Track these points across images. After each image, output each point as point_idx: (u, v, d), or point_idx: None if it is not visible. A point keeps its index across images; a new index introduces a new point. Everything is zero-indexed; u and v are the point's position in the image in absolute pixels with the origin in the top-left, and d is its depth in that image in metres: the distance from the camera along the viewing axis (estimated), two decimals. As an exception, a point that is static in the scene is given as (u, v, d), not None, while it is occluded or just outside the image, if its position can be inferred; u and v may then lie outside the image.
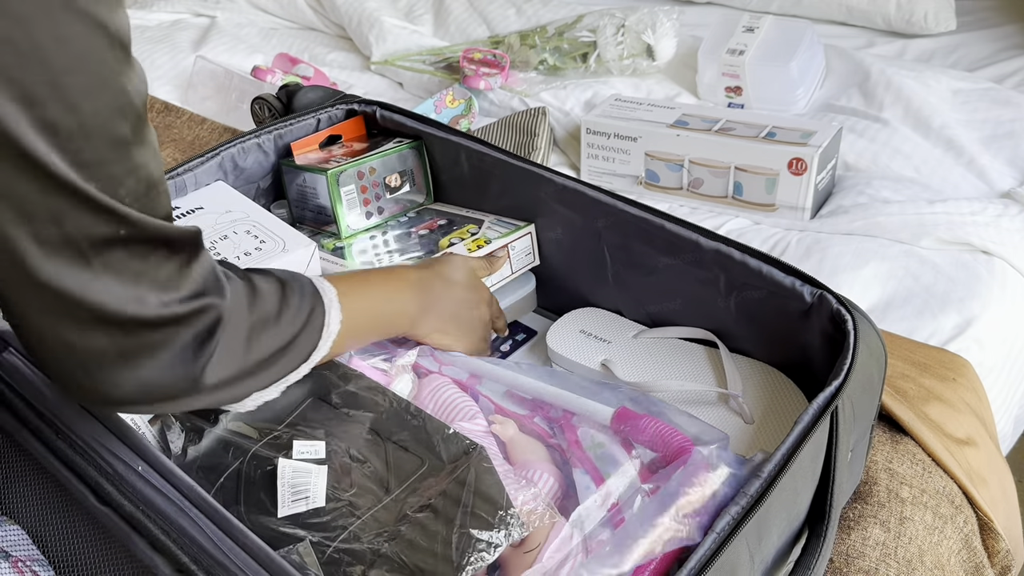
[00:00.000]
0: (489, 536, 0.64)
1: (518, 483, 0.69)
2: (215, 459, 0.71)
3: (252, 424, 0.73)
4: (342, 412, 0.74)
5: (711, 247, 0.84)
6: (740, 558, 0.62)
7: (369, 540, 0.65)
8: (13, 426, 0.70)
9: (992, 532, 0.92)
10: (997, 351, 1.11)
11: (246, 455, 0.71)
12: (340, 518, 0.66)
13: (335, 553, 0.64)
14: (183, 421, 0.75)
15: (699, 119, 1.30)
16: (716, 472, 0.66)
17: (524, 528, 0.65)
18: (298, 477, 0.68)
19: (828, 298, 0.77)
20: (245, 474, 0.70)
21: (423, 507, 0.67)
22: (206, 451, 0.72)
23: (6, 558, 0.68)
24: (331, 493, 0.68)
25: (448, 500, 0.67)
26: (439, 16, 1.81)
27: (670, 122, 1.30)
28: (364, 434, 0.73)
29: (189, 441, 0.73)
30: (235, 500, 0.69)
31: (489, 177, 1.00)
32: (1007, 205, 1.23)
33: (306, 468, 0.69)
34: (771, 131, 1.25)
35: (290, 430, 0.72)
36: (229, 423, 0.73)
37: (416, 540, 0.65)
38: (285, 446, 0.71)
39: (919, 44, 1.67)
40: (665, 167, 1.29)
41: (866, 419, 0.76)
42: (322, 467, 0.69)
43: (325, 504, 0.67)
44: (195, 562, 0.60)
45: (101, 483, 0.64)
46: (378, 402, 0.75)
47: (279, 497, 0.67)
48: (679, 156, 1.28)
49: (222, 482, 0.70)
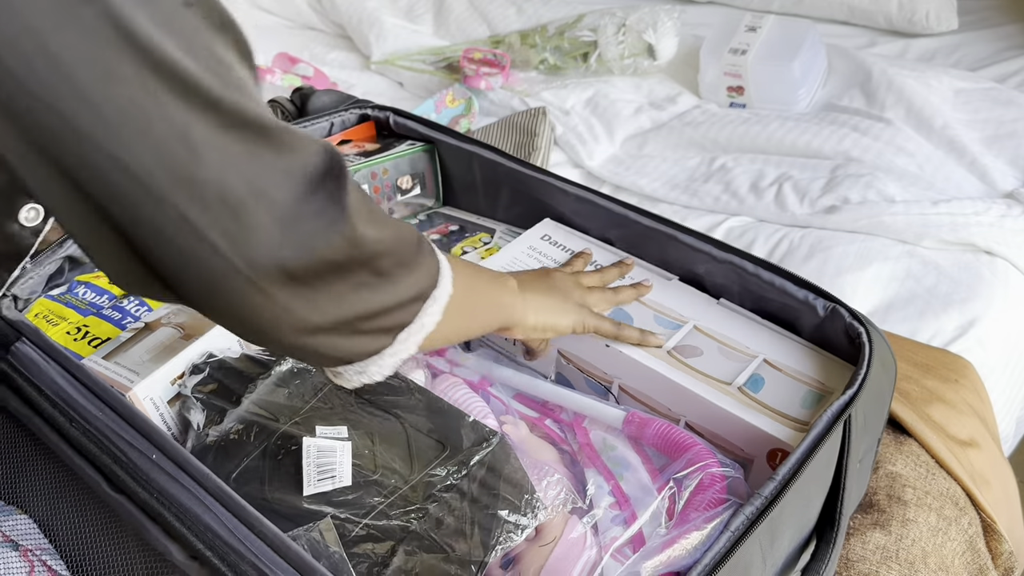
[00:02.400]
0: (516, 518, 0.65)
1: (534, 475, 0.70)
2: (237, 439, 0.72)
3: (273, 407, 0.74)
4: (362, 398, 0.75)
5: (724, 258, 0.84)
6: (753, 558, 0.62)
7: (398, 517, 0.66)
8: (25, 414, 0.70)
9: (995, 534, 0.93)
10: (999, 352, 1.11)
11: (271, 436, 0.71)
12: (367, 496, 0.67)
13: (362, 530, 0.65)
14: (204, 402, 0.75)
15: (652, 313, 0.84)
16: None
17: (548, 512, 0.66)
18: (323, 456, 0.69)
19: (841, 311, 0.77)
20: (271, 454, 0.71)
21: (449, 488, 0.68)
22: (227, 432, 0.73)
23: (16, 548, 0.69)
24: (356, 472, 0.69)
25: (474, 482, 0.68)
26: (439, 15, 1.81)
27: (604, 313, 0.83)
28: (384, 419, 0.73)
29: (210, 421, 0.74)
30: (260, 480, 0.69)
31: (500, 185, 1.00)
32: (1010, 206, 1.23)
33: (331, 446, 0.69)
34: (756, 376, 0.78)
35: (312, 413, 0.73)
36: (250, 405, 0.74)
37: (444, 519, 0.66)
38: (308, 429, 0.72)
39: (921, 44, 1.67)
40: (585, 382, 0.85)
41: (875, 432, 0.77)
42: (346, 444, 0.70)
43: (351, 483, 0.68)
44: (210, 548, 0.60)
45: (115, 471, 0.65)
46: (398, 388, 0.76)
47: (304, 475, 0.68)
48: (607, 375, 0.83)
49: (247, 463, 0.70)
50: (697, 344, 0.81)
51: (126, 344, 0.79)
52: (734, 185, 1.30)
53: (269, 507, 0.66)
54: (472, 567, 0.63)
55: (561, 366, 0.87)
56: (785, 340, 0.82)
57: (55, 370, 0.70)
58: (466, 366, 0.84)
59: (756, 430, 0.73)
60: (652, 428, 0.74)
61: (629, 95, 1.54)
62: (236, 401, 0.75)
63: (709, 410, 0.76)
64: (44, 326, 0.83)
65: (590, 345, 0.83)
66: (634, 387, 0.81)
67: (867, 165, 1.31)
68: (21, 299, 0.84)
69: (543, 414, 0.81)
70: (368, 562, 0.64)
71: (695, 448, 0.71)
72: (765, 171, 1.32)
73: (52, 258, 0.86)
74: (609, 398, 0.83)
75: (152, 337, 0.79)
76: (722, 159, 1.36)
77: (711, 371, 0.78)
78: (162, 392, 0.77)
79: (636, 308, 0.85)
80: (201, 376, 0.77)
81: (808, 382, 0.77)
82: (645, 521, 0.67)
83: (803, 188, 1.27)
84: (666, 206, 1.31)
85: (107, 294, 0.87)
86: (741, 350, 0.80)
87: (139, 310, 0.85)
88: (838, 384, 0.76)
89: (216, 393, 0.76)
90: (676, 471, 0.70)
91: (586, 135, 1.44)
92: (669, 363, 0.79)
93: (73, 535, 0.70)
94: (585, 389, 0.85)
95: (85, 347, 0.81)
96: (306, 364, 0.77)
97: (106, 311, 0.85)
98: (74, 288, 0.88)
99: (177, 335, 0.79)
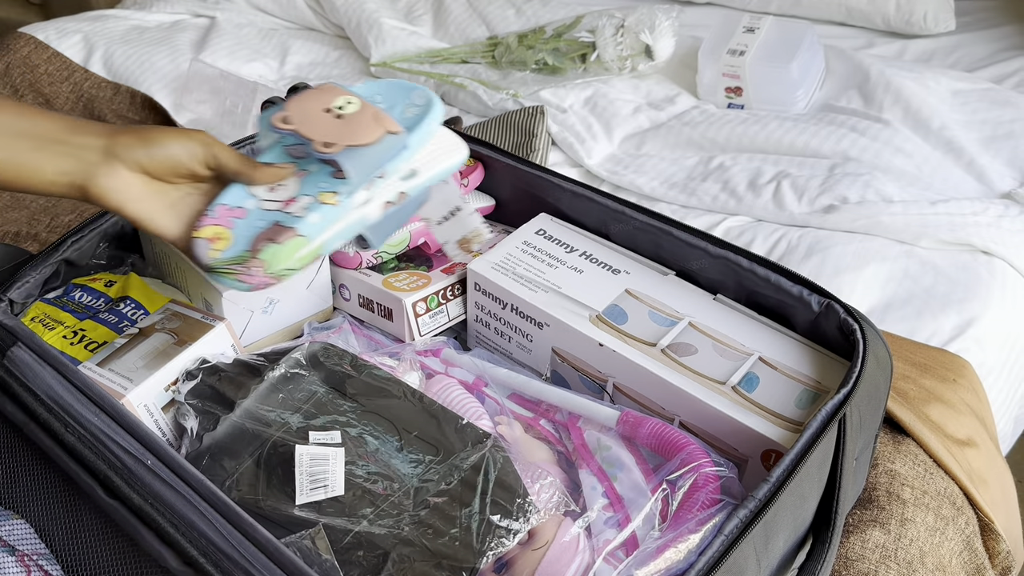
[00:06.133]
0: (508, 523, 0.65)
1: (528, 477, 0.70)
2: (231, 446, 0.72)
3: (267, 413, 0.74)
4: (356, 402, 0.75)
5: (720, 254, 0.84)
6: (747, 561, 0.62)
7: (389, 525, 0.66)
8: (21, 420, 0.70)
9: (993, 533, 0.93)
10: (997, 352, 1.11)
11: (264, 443, 0.71)
12: (359, 504, 0.67)
13: (353, 538, 0.65)
14: (197, 408, 0.76)
15: (647, 309, 0.84)
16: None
17: (541, 515, 0.66)
18: (316, 465, 0.69)
19: (836, 307, 0.77)
20: (263, 461, 0.71)
21: (441, 493, 0.68)
22: (221, 438, 0.73)
23: (12, 553, 0.69)
24: (348, 479, 0.69)
25: (466, 487, 0.68)
26: (438, 16, 1.81)
27: (599, 308, 0.84)
28: (378, 424, 0.73)
29: (204, 428, 0.74)
30: (253, 487, 0.69)
31: (497, 181, 1.01)
32: (1008, 206, 1.23)
33: (323, 454, 0.69)
34: (750, 375, 0.78)
35: (305, 420, 0.73)
36: (243, 411, 0.74)
37: (436, 525, 0.66)
38: (301, 435, 0.72)
39: (918, 44, 1.67)
40: (579, 379, 0.86)
41: (871, 428, 0.77)
42: (339, 451, 0.70)
43: (343, 492, 0.68)
44: (204, 555, 0.61)
45: (110, 477, 0.65)
46: (391, 392, 0.76)
47: (297, 484, 0.68)
48: (601, 374, 0.84)
49: (240, 470, 0.70)
50: (692, 342, 0.81)
51: (120, 350, 0.79)
52: (732, 183, 1.30)
53: (262, 515, 0.66)
54: (464, 574, 0.63)
55: (556, 364, 0.87)
56: (781, 337, 0.82)
57: (51, 375, 0.70)
58: (461, 367, 0.84)
59: (750, 431, 0.74)
60: (646, 428, 0.74)
61: (628, 95, 1.54)
62: (229, 407, 0.75)
63: (703, 410, 0.76)
64: (40, 330, 0.83)
65: (584, 344, 0.83)
66: (628, 386, 0.81)
67: (865, 165, 1.31)
68: (17, 303, 0.84)
69: (538, 414, 0.81)
70: (360, 569, 0.64)
71: (689, 448, 0.71)
72: (763, 169, 1.32)
73: (48, 261, 0.86)
74: (604, 397, 0.83)
75: (146, 343, 0.79)
76: (720, 158, 1.36)
77: (705, 370, 0.78)
78: (156, 398, 0.77)
79: (632, 304, 0.85)
80: (194, 383, 0.77)
81: (804, 380, 0.77)
82: (638, 524, 0.67)
83: (801, 186, 1.27)
84: (664, 205, 1.31)
85: (103, 297, 0.87)
86: (736, 348, 0.80)
87: (135, 314, 0.85)
88: (833, 382, 0.76)
89: (209, 399, 0.76)
90: (670, 471, 0.71)
91: (584, 134, 1.44)
92: (663, 362, 0.79)
93: (69, 540, 0.70)
94: (580, 387, 0.85)
95: (81, 351, 0.81)
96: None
97: (102, 315, 0.85)
98: (70, 291, 0.88)
99: (171, 341, 0.79)
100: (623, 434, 0.76)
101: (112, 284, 0.89)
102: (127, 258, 0.94)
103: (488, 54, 1.65)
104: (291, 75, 1.74)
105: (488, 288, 0.88)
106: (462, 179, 0.98)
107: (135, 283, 0.89)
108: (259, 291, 0.75)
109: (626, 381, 0.81)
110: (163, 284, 0.92)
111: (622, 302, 0.85)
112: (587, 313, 0.84)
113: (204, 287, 0.86)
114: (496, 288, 0.88)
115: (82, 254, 0.89)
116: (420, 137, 0.71)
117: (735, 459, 0.75)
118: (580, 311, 0.84)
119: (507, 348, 0.90)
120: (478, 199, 1.01)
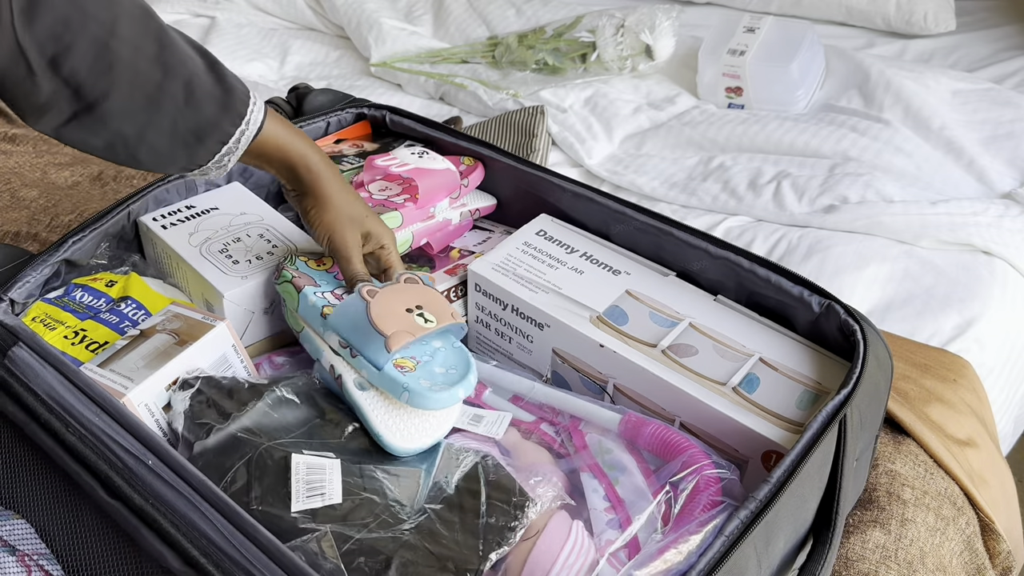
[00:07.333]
0: (507, 522, 0.66)
1: (523, 477, 0.71)
2: (224, 455, 0.72)
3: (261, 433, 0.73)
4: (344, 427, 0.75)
5: (720, 255, 0.84)
6: (748, 562, 0.62)
7: (390, 530, 0.66)
8: (22, 420, 0.70)
9: (993, 533, 0.93)
10: (997, 352, 1.11)
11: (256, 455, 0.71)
12: (357, 512, 0.67)
13: (355, 544, 0.65)
14: (192, 417, 0.75)
15: (648, 310, 0.84)
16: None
17: (538, 507, 0.67)
18: (313, 473, 0.69)
19: (836, 308, 0.77)
20: (257, 467, 0.70)
21: (439, 500, 0.69)
22: (214, 447, 0.73)
23: (12, 553, 0.69)
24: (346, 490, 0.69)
25: (464, 492, 0.69)
26: (438, 16, 1.81)
27: (600, 309, 0.84)
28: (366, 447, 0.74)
29: (197, 437, 0.74)
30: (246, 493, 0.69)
31: (497, 181, 1.01)
32: (1008, 206, 1.23)
33: (320, 464, 0.70)
34: (751, 376, 0.78)
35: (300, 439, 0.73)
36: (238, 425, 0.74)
37: (437, 530, 0.66)
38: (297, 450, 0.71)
39: (919, 44, 1.68)
40: (580, 380, 0.86)
41: (872, 429, 0.77)
42: (336, 462, 0.70)
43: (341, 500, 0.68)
44: (205, 555, 0.61)
45: (111, 477, 0.65)
46: None
47: (293, 491, 0.68)
48: (602, 375, 0.84)
49: (234, 474, 0.70)
50: (692, 343, 0.81)
51: (121, 351, 0.79)
52: (732, 183, 1.31)
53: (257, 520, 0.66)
54: (468, 574, 0.64)
55: (556, 365, 0.87)
56: (781, 338, 0.82)
57: (52, 375, 0.70)
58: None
59: (750, 432, 0.73)
60: (648, 430, 0.74)
61: (628, 95, 1.54)
62: (225, 418, 0.74)
63: (703, 411, 0.76)
64: (41, 330, 0.83)
65: (585, 345, 0.83)
66: (628, 387, 0.81)
67: (865, 165, 1.31)
68: (18, 303, 0.84)
69: (540, 417, 0.81)
70: (363, 575, 0.64)
71: (690, 450, 0.71)
72: (763, 169, 1.32)
73: (49, 261, 0.86)
74: (604, 398, 0.83)
75: (147, 344, 0.79)
76: (720, 158, 1.36)
77: (706, 371, 0.78)
78: (157, 398, 0.76)
79: (632, 305, 0.85)
80: (190, 391, 0.76)
81: (804, 381, 0.77)
82: (640, 526, 0.67)
83: (801, 186, 1.27)
84: (665, 205, 1.32)
85: (104, 297, 0.87)
86: (737, 349, 0.80)
87: (137, 314, 0.85)
88: (834, 383, 0.76)
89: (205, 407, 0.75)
90: (671, 473, 0.70)
91: (584, 134, 1.45)
92: (663, 363, 0.79)
93: (70, 540, 0.70)
94: (580, 388, 0.85)
95: (83, 351, 0.81)
96: None
97: (103, 315, 0.85)
98: (71, 291, 0.88)
99: (172, 341, 0.79)
100: (625, 436, 0.76)
101: (113, 284, 0.89)
102: (128, 258, 0.94)
103: (488, 54, 1.65)
104: (291, 75, 1.74)
105: (489, 289, 0.88)
106: (462, 179, 0.98)
107: (136, 283, 0.89)
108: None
109: (627, 382, 0.81)
110: (164, 284, 0.92)
111: (623, 303, 0.85)
112: (588, 314, 0.84)
113: (204, 287, 0.86)
114: (497, 289, 0.88)
115: (83, 254, 0.89)
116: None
117: (735, 460, 0.75)
118: (581, 312, 0.84)
119: (508, 349, 0.90)
120: (479, 198, 1.01)
